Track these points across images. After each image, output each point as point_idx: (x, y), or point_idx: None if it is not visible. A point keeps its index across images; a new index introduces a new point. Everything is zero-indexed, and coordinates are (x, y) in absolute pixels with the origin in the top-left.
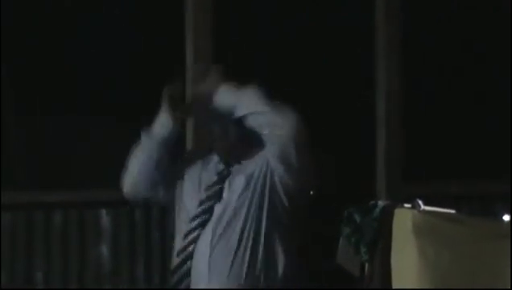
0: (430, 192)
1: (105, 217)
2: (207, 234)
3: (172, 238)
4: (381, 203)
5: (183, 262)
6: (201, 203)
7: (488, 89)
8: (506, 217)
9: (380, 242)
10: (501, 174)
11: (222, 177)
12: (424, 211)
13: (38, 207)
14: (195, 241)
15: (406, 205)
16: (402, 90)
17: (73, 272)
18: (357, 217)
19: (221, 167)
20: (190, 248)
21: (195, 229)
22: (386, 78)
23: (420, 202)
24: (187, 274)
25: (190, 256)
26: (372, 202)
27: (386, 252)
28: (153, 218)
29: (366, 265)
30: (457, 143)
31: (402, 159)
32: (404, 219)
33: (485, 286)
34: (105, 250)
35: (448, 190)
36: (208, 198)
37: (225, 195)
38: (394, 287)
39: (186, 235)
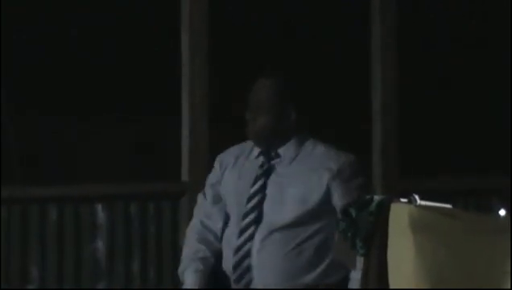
0: (425, 188)
1: (100, 212)
2: (260, 233)
3: (168, 232)
4: (377, 197)
5: (243, 259)
6: (249, 199)
7: (485, 83)
8: (502, 212)
9: (376, 236)
10: (498, 169)
11: (264, 172)
12: (420, 206)
13: (33, 202)
14: (251, 238)
15: (403, 200)
16: (398, 84)
17: (69, 267)
18: (353, 212)
19: (262, 160)
20: (247, 245)
21: (249, 225)
22: (381, 71)
23: (417, 197)
24: (248, 269)
25: (248, 253)
26: (368, 197)
27: (382, 247)
28: (149, 213)
29: (362, 259)
30: (453, 138)
31: (398, 155)
32: (400, 214)
33: (481, 280)
34: (100, 244)
35: (443, 185)
36: (255, 193)
37: (270, 191)
38: (390, 281)
39: (241, 232)
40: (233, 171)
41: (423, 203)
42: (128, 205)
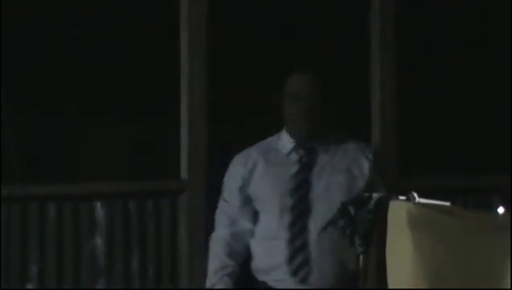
0: (425, 186)
1: (99, 210)
2: (313, 224)
3: (167, 231)
4: (375, 195)
5: (298, 251)
6: (294, 191)
7: (485, 82)
8: (501, 210)
9: (375, 234)
10: (497, 167)
11: (305, 164)
12: (419, 203)
13: (32, 200)
14: (304, 229)
15: (401, 198)
16: (398, 82)
17: (68, 265)
18: (352, 209)
19: (301, 153)
20: (301, 238)
21: (299, 217)
22: (380, 71)
23: (415, 195)
24: (306, 261)
25: (304, 245)
26: (367, 194)
27: (381, 244)
28: (148, 211)
29: (361, 257)
30: (452, 137)
31: (398, 154)
32: (399, 211)
33: (479, 278)
34: (99, 242)
35: (443, 183)
36: (299, 185)
37: (314, 182)
38: (388, 279)
39: (292, 225)
40: (266, 169)
41: (422, 201)
42: (127, 203)
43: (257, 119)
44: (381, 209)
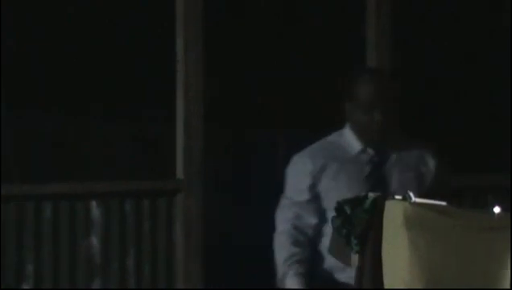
0: None
1: (95, 209)
2: None
3: (163, 230)
4: (371, 195)
5: None
6: (370, 190)
7: (482, 76)
8: (496, 209)
9: (371, 233)
10: (493, 166)
11: (377, 164)
12: (415, 203)
13: (28, 199)
14: None
15: (397, 197)
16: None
17: (64, 264)
18: (348, 209)
19: (370, 153)
20: None
21: None
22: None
23: (411, 194)
24: None
25: None
26: (363, 194)
27: (377, 244)
28: (144, 210)
29: (357, 257)
30: (448, 135)
31: None
32: (395, 211)
33: (475, 277)
34: (95, 242)
35: None
36: (374, 186)
37: (389, 180)
38: (384, 279)
39: None
40: (337, 168)
41: (418, 200)
42: (123, 203)
43: (255, 120)
44: (378, 208)
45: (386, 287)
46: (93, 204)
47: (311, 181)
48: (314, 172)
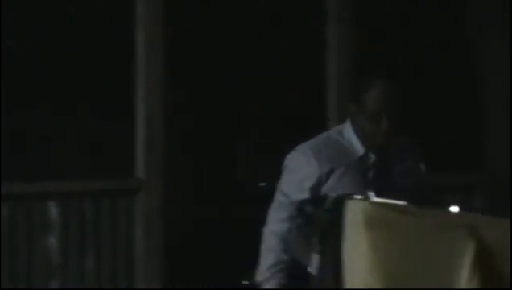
0: None
1: (53, 209)
2: None
3: (123, 230)
4: (332, 194)
5: None
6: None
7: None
8: (454, 208)
9: (331, 233)
10: (450, 165)
11: (381, 167)
12: (375, 203)
13: None
14: None
15: (358, 197)
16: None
17: (21, 265)
18: (309, 209)
19: (373, 158)
20: None
21: None
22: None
23: (371, 193)
24: None
25: None
26: (323, 193)
27: (338, 244)
28: (103, 210)
29: (318, 257)
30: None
31: None
32: (355, 210)
33: (433, 277)
34: (53, 242)
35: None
36: (380, 189)
37: (395, 184)
38: (345, 278)
39: None
40: (343, 171)
41: (378, 200)
42: (82, 203)
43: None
44: (338, 208)
45: (347, 287)
46: (51, 204)
47: (316, 182)
48: (321, 174)
